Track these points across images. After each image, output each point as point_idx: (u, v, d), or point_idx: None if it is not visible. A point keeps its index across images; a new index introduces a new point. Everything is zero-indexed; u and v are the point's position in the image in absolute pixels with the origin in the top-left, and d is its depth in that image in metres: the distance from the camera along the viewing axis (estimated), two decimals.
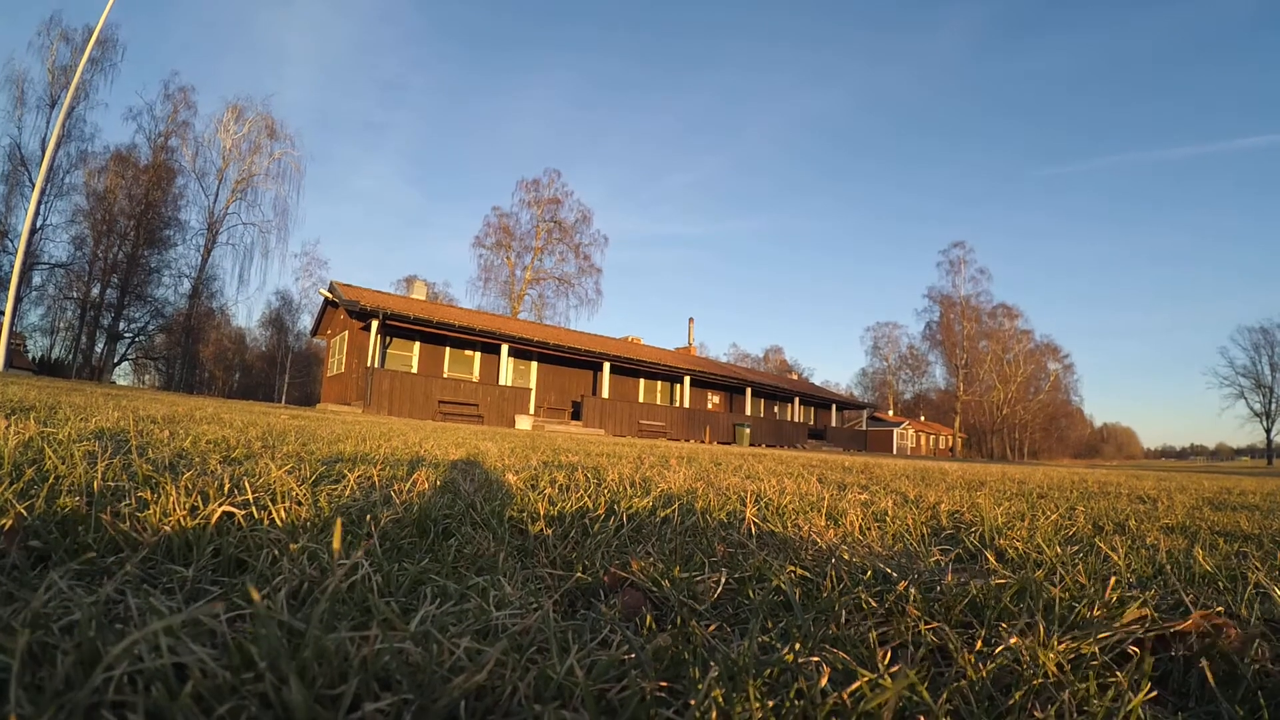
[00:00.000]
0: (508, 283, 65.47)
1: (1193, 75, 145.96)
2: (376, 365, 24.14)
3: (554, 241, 66.22)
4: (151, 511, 1.59)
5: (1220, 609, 1.43)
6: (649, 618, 1.23)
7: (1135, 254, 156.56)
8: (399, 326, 25.05)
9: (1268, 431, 79.39)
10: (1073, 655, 1.14)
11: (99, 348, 44.89)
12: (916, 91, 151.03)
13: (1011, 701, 0.99)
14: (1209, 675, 1.15)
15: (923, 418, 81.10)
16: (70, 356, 43.85)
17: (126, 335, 46.69)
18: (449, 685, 0.84)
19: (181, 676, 0.80)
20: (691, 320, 49.45)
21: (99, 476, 1.79)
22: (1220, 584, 1.81)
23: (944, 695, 0.94)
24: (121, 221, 44.08)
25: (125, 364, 49.31)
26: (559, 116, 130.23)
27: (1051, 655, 1.11)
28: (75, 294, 44.20)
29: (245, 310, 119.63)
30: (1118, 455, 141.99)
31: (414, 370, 26.59)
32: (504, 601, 1.29)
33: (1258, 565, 2.00)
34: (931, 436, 74.89)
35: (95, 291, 44.10)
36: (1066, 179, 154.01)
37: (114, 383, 40.08)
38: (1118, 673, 1.06)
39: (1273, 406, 79.15)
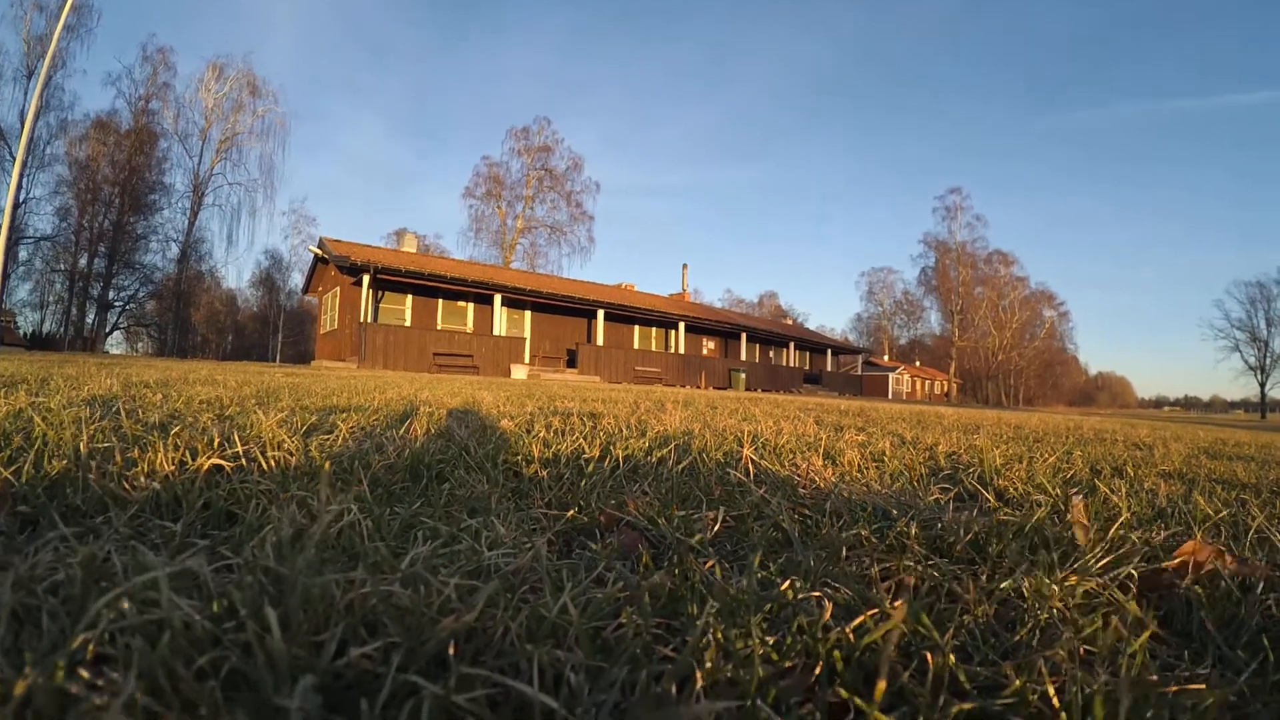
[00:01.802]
0: (499, 233, 65.00)
1: (1198, 28, 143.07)
2: (369, 320, 24.01)
3: (545, 190, 65.59)
4: (139, 468, 1.56)
5: (1221, 547, 1.40)
6: (645, 556, 1.20)
7: (1133, 206, 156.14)
8: (391, 280, 24.78)
9: (1262, 386, 79.44)
10: (1075, 592, 1.13)
11: (90, 319, 44.63)
12: (912, 43, 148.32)
13: (1017, 638, 0.97)
14: (1203, 602, 1.13)
15: (918, 363, 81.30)
16: (62, 330, 43.58)
17: (117, 304, 46.39)
18: (437, 627, 0.81)
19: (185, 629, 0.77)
20: (685, 266, 49.21)
21: (85, 439, 1.75)
22: (1221, 528, 1.80)
23: (949, 631, 0.92)
24: (106, 189, 43.44)
25: (117, 333, 49.04)
26: (547, 69, 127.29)
27: (1055, 591, 1.09)
28: (63, 266, 43.79)
29: (235, 271, 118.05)
30: (1112, 404, 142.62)
31: (407, 324, 26.41)
32: (497, 542, 1.27)
33: (1257, 512, 1.98)
34: (927, 382, 75.11)
35: (83, 262, 43.69)
36: (1067, 130, 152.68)
37: (107, 352, 39.81)
38: (1123, 600, 1.04)
39: (1267, 361, 78.93)
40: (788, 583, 1.02)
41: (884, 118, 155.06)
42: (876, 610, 0.89)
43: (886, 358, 78.36)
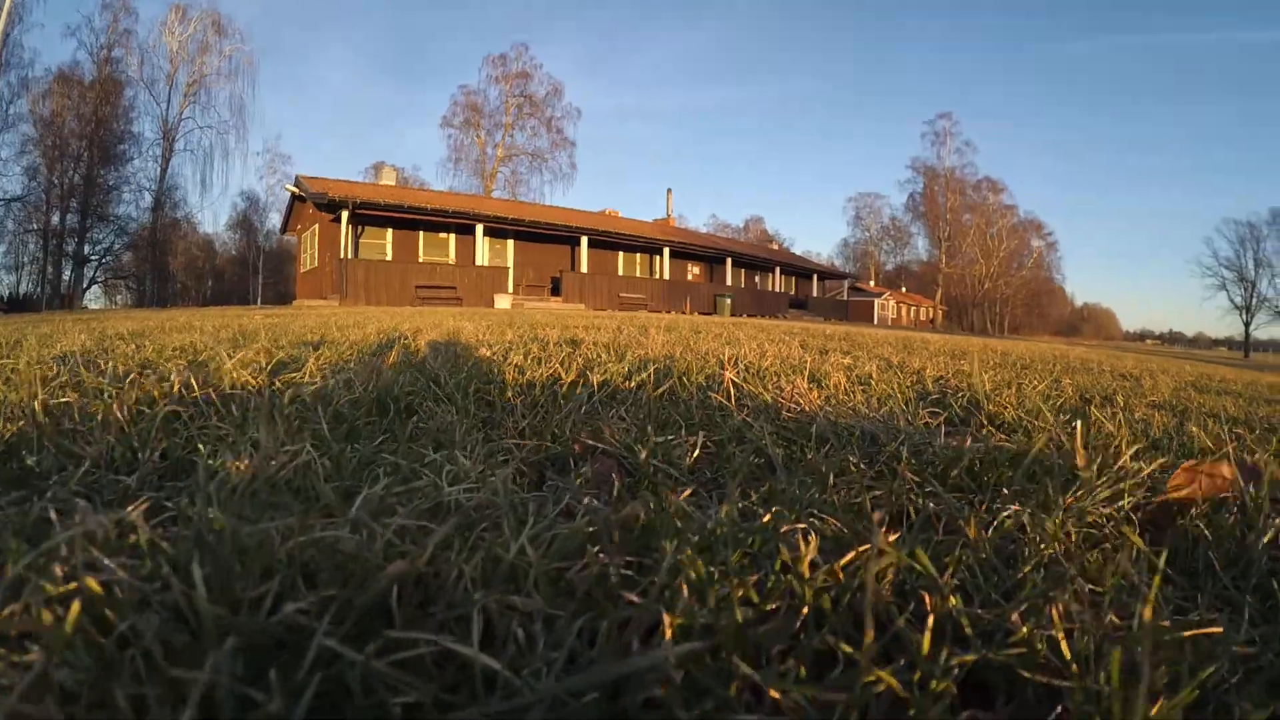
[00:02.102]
0: (479, 162, 63.47)
1: None
2: (350, 256, 23.64)
3: (525, 117, 63.88)
4: (94, 423, 1.46)
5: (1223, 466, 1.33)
6: (618, 485, 1.12)
7: (1126, 140, 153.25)
8: (370, 215, 24.26)
9: (1246, 325, 78.89)
10: (1078, 525, 1.05)
11: (66, 275, 43.46)
12: None
13: (1020, 575, 0.90)
14: (1208, 539, 1.07)
15: (904, 289, 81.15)
16: (39, 290, 42.34)
17: (93, 259, 45.08)
18: (381, 575, 0.72)
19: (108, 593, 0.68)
20: (670, 191, 48.49)
21: (41, 397, 1.64)
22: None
23: (949, 568, 0.84)
24: (73, 144, 41.65)
25: (95, 288, 47.67)
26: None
27: (1058, 524, 1.01)
28: (35, 225, 42.23)
29: (211, 216, 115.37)
30: (1097, 335, 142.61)
31: (388, 258, 26.02)
32: (459, 476, 1.18)
33: (1254, 447, 1.91)
34: (913, 308, 75.26)
35: (56, 219, 42.22)
36: (1061, 59, 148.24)
37: (86, 308, 39.03)
38: (1131, 534, 0.97)
39: (1253, 301, 77.96)
40: (770, 514, 0.93)
41: (874, 43, 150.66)
42: (868, 546, 0.81)
43: (873, 283, 78.36)
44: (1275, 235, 76.29)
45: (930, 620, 0.68)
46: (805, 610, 0.73)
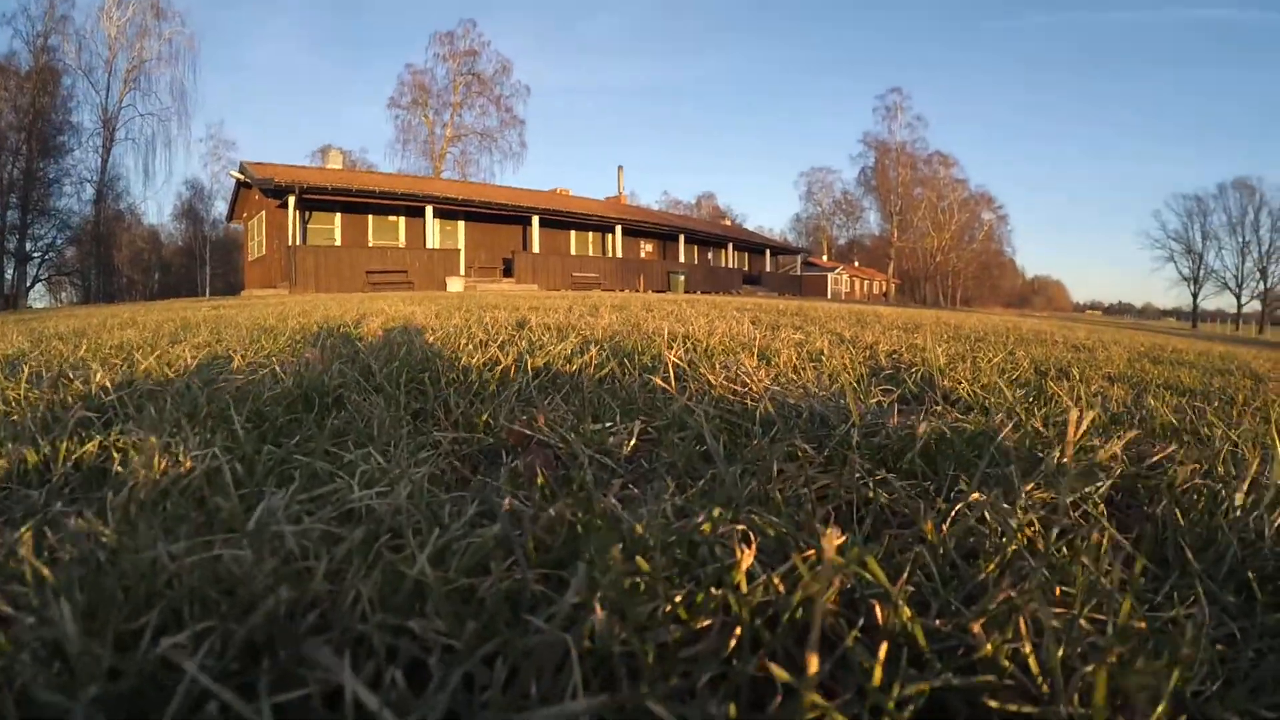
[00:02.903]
0: (427, 143, 61.63)
1: None
2: (298, 243, 23.06)
3: (473, 95, 62.27)
4: (4, 433, 1.35)
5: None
6: (544, 480, 1.05)
7: (1079, 111, 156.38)
8: (317, 199, 23.62)
9: (1194, 296, 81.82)
10: (1044, 514, 0.98)
11: (9, 274, 41.75)
12: None
13: (982, 575, 0.82)
14: (1179, 524, 1.02)
15: (856, 263, 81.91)
16: None
17: (35, 255, 43.09)
18: (264, 603, 0.64)
19: None
20: (621, 168, 48.14)
21: None
22: (1184, 438, 1.69)
23: (903, 572, 0.77)
24: (11, 137, 39.47)
25: (39, 286, 45.71)
26: None
27: (1023, 515, 0.94)
28: None
29: (155, 207, 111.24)
30: (1047, 307, 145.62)
31: (338, 243, 25.37)
32: (374, 478, 1.09)
33: (1215, 419, 1.88)
34: (866, 282, 76.04)
35: None
36: (1012, 33, 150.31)
37: (30, 308, 37.57)
38: (1103, 520, 0.91)
39: (1200, 273, 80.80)
40: (704, 516, 0.84)
41: (826, 16, 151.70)
42: (812, 551, 0.74)
43: (825, 258, 78.92)
44: (1222, 209, 78.82)
45: (884, 642, 0.60)
46: (740, 629, 0.65)
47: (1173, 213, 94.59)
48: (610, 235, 34.88)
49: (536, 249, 30.03)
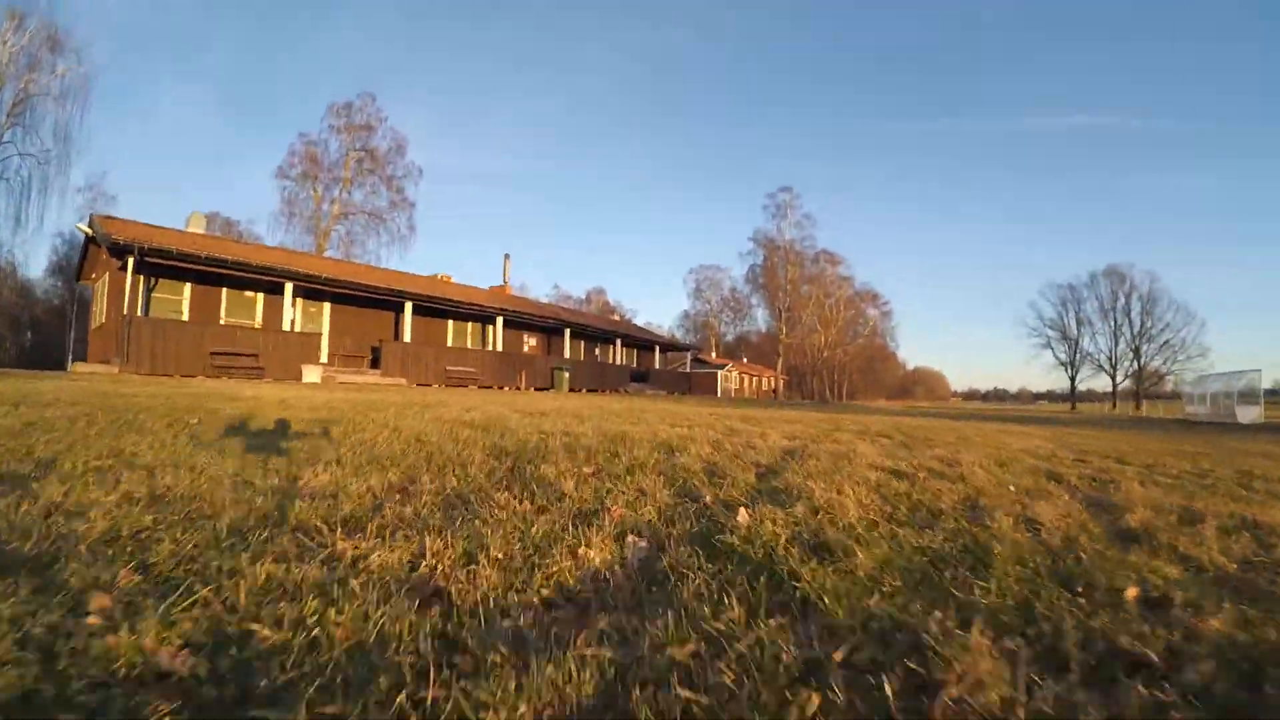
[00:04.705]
0: (313, 219, 60.09)
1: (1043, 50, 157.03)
2: (138, 313, 21.27)
3: (365, 173, 61.04)
4: None
5: None
6: None
7: (956, 214, 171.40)
8: (162, 264, 21.66)
9: (1072, 380, 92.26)
10: None
11: None
12: (749, 43, 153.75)
13: None
14: None
15: (745, 359, 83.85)
16: None
17: None
18: None
19: None
20: (507, 257, 47.61)
21: None
22: None
23: None
24: None
25: None
26: (376, 45, 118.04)
27: None
28: None
29: (23, 257, 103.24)
30: (928, 396, 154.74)
31: (184, 317, 23.49)
32: None
33: None
34: (755, 378, 77.61)
35: None
36: (899, 138, 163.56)
37: None
38: None
39: (1076, 357, 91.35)
40: None
41: (719, 120, 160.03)
42: None
43: (714, 355, 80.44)
44: (1094, 296, 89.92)
45: None
46: None
47: (1048, 301, 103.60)
48: (491, 326, 34.19)
49: (408, 338, 28.99)
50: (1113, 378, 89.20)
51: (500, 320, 33.81)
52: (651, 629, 1.57)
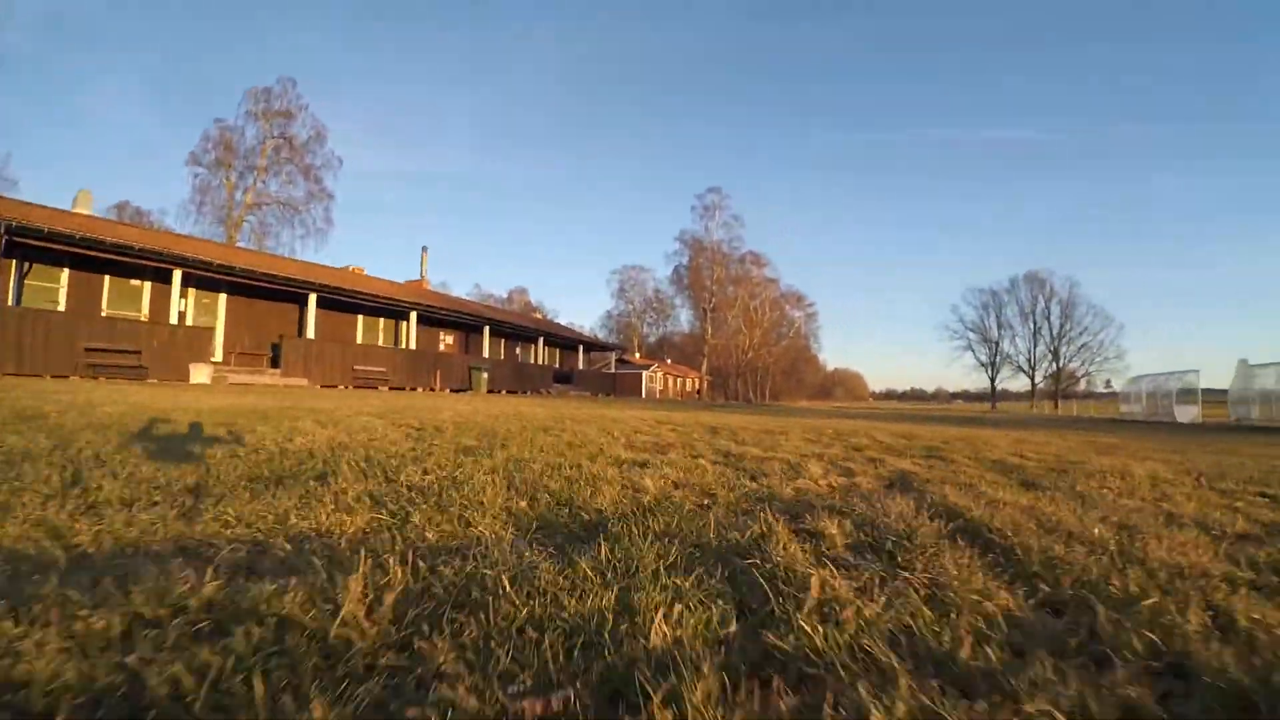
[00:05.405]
0: (225, 208, 56.79)
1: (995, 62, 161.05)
2: (11, 302, 18.99)
3: (282, 161, 58.34)
4: None
5: None
6: None
7: (878, 219, 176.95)
8: (37, 246, 19.30)
9: (993, 381, 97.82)
10: None
11: None
12: (683, 52, 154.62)
13: None
14: None
15: (669, 360, 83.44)
16: None
17: None
18: None
19: None
20: (425, 250, 45.83)
21: None
22: None
23: None
24: None
25: None
26: (303, 37, 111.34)
27: None
28: None
29: None
30: (847, 397, 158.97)
31: (60, 307, 21.03)
32: None
33: None
34: (679, 379, 77.21)
35: None
36: (823, 147, 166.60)
37: None
38: None
39: (997, 359, 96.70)
40: None
41: (647, 124, 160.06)
42: None
43: (637, 355, 79.69)
44: (1014, 300, 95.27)
45: None
46: None
47: (970, 306, 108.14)
48: (405, 323, 32.46)
49: (312, 334, 27.05)
50: (1031, 378, 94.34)
51: (414, 316, 32.12)
52: None
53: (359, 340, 31.20)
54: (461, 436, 5.76)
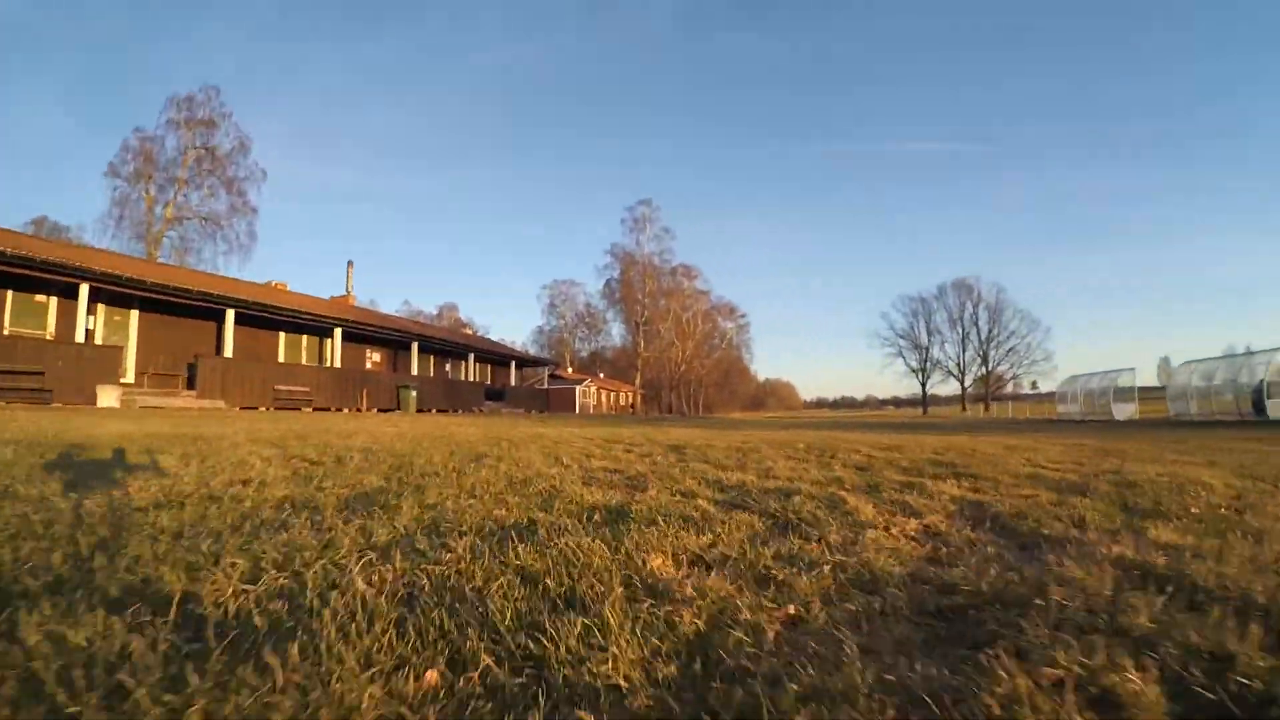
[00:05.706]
0: (144, 223, 54.09)
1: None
2: None
3: (204, 173, 55.66)
4: None
5: None
6: None
7: (807, 230, 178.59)
8: None
9: (924, 386, 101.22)
10: None
11: None
12: (617, 64, 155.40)
13: None
14: None
15: (601, 375, 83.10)
16: None
17: None
18: None
19: None
20: (351, 265, 44.70)
21: None
22: None
23: None
24: None
25: None
26: (228, 47, 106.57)
27: None
28: None
29: None
30: (779, 406, 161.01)
31: None
32: None
33: None
34: (612, 394, 76.92)
35: None
36: (755, 160, 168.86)
37: None
38: None
39: (927, 364, 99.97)
40: None
41: (574, 136, 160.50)
42: None
43: (570, 370, 79.18)
44: (943, 307, 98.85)
45: None
46: None
47: (899, 313, 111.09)
48: (330, 340, 31.47)
49: (230, 353, 25.92)
50: (961, 383, 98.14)
51: (339, 333, 31.18)
52: None
53: (281, 359, 30.12)
54: (366, 474, 4.73)
